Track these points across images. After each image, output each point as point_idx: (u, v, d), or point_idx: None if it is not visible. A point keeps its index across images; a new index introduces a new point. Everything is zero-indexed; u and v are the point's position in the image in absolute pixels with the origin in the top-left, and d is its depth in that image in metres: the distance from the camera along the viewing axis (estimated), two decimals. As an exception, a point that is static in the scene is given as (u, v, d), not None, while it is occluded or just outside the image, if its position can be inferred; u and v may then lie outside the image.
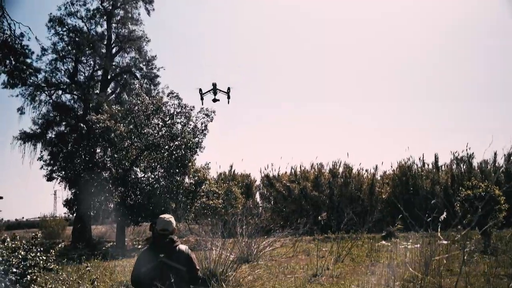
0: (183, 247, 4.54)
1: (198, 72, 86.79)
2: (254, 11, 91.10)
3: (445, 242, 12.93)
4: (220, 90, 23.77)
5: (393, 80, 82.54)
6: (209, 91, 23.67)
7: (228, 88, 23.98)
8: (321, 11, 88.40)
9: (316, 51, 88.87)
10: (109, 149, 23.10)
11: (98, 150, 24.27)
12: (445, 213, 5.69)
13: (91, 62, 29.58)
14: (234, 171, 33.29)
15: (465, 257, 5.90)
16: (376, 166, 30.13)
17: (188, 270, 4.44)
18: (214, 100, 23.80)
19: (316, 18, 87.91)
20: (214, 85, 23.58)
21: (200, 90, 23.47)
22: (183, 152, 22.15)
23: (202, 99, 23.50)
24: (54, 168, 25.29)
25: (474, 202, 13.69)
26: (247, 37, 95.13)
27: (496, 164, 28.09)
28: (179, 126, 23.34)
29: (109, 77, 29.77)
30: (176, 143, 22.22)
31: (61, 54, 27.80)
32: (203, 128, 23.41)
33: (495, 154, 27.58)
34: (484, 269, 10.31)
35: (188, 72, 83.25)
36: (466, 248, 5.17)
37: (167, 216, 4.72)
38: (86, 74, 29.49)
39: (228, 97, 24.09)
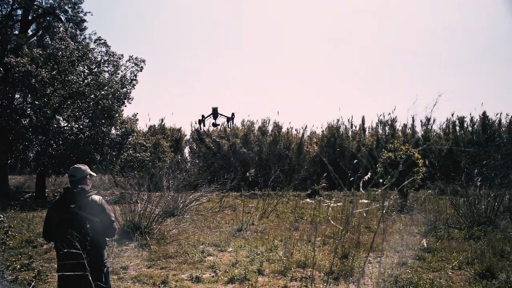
0: (96, 197, 4.32)
1: (132, 20, 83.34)
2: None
3: (365, 201, 13.56)
4: (222, 115, 23.77)
5: (332, 41, 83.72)
6: (209, 115, 23.75)
7: (232, 114, 24.09)
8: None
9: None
10: (29, 95, 21.68)
11: (17, 96, 22.67)
12: (369, 174, 5.84)
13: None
14: (164, 124, 32.62)
15: (383, 216, 6.16)
16: (306, 126, 30.81)
17: (102, 220, 4.24)
18: (214, 125, 23.86)
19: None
20: (215, 109, 23.57)
21: (203, 116, 23.50)
22: (110, 102, 21.30)
23: (202, 123, 23.51)
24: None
25: (394, 163, 14.47)
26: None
27: (415, 128, 29.38)
28: (106, 75, 22.36)
29: (30, 17, 27.37)
30: (103, 92, 21.24)
31: (-27, -13, 25.21)
32: (132, 77, 22.60)
33: (413, 118, 28.81)
34: (400, 227, 10.98)
35: (119, 21, 79.34)
36: (384, 206, 5.37)
37: (79, 164, 4.49)
38: (3, 12, 26.91)
39: (232, 122, 24.21)
